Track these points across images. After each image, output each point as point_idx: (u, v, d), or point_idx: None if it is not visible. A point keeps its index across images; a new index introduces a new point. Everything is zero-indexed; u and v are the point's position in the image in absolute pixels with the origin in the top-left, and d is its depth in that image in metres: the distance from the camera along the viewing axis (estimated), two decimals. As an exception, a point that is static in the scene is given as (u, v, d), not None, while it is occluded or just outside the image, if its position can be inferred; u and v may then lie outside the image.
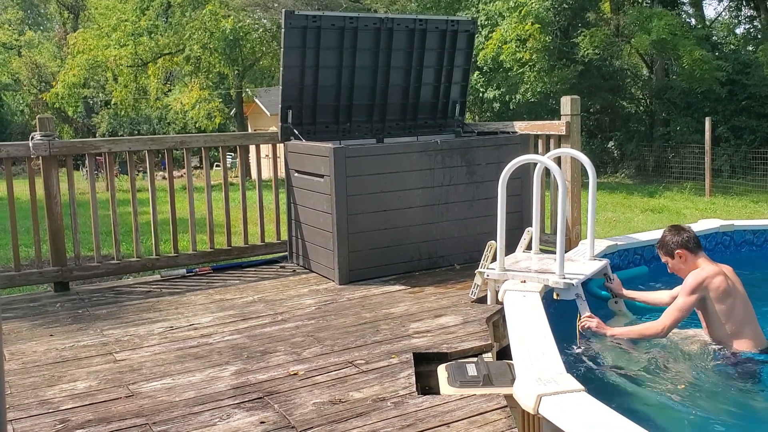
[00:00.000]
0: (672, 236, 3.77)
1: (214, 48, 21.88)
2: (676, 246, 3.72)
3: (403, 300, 4.36)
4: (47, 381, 3.22)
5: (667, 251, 3.78)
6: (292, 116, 5.38)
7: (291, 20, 5.11)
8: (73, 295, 4.79)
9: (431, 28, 5.70)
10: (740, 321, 3.54)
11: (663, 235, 3.84)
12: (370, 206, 4.83)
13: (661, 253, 3.85)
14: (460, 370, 3.07)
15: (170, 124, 31.95)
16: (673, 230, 3.81)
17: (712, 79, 17.27)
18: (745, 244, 5.42)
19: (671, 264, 3.80)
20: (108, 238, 6.59)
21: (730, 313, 3.53)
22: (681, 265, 3.74)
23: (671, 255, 3.76)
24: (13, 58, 36.96)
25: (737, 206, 12.87)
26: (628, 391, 3.22)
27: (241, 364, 3.34)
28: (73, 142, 5.14)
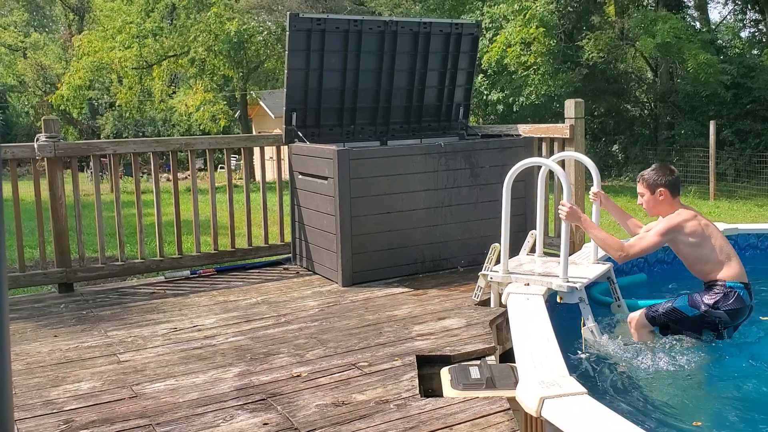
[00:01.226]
0: (660, 174, 3.79)
1: (218, 50, 21.94)
2: (661, 184, 3.75)
3: (406, 302, 4.36)
4: (51, 381, 3.23)
5: (650, 185, 3.79)
6: (297, 119, 5.40)
7: (296, 23, 5.12)
8: (78, 296, 4.80)
9: (435, 31, 5.71)
10: (726, 254, 3.66)
11: (651, 169, 3.85)
12: (373, 208, 4.84)
13: (642, 185, 3.84)
14: (463, 372, 3.07)
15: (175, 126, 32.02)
16: (662, 168, 3.84)
17: (717, 83, 17.25)
18: (749, 248, 5.40)
19: (647, 198, 3.82)
20: (112, 240, 6.62)
21: (707, 254, 3.63)
22: (656, 204, 3.78)
23: (652, 191, 3.78)
24: (18, 59, 37.13)
25: (741, 210, 12.84)
26: (631, 393, 3.21)
27: (245, 365, 3.35)
28: (78, 144, 5.15)
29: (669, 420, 2.99)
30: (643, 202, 3.88)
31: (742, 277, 3.67)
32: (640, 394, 3.23)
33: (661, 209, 3.79)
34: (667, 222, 3.67)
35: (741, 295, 3.62)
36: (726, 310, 3.60)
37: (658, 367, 3.49)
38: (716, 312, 3.60)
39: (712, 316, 3.62)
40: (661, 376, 3.43)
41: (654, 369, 3.48)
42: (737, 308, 3.61)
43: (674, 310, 3.69)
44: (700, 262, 3.69)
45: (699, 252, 3.67)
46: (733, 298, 3.60)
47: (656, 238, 3.64)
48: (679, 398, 3.23)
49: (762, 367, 3.56)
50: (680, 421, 3.00)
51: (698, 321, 3.65)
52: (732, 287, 3.62)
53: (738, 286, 3.63)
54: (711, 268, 3.66)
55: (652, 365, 3.50)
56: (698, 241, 3.65)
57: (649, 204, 3.83)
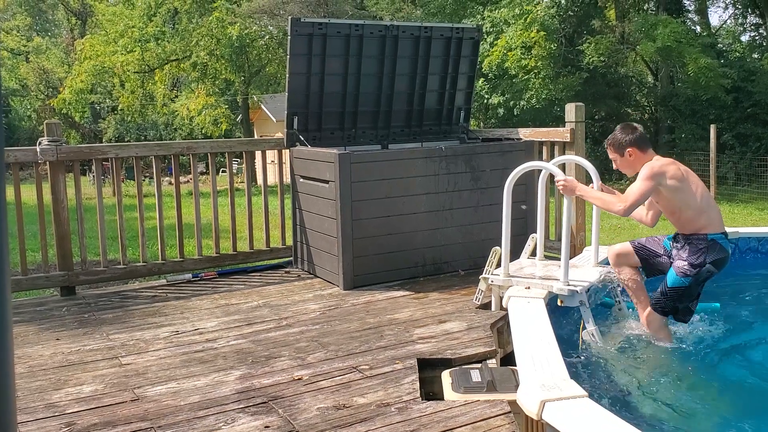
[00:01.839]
0: (624, 134, 3.82)
1: (220, 54, 21.99)
2: (628, 144, 3.79)
3: (407, 305, 4.37)
4: (53, 384, 3.24)
5: (618, 148, 3.84)
6: (298, 122, 5.41)
7: (297, 27, 5.14)
8: (80, 300, 4.81)
9: (436, 35, 5.73)
10: (707, 204, 3.72)
11: (614, 132, 3.90)
12: (374, 212, 4.85)
13: (611, 150, 3.90)
14: (464, 376, 3.08)
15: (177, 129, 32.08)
16: (625, 128, 3.88)
17: (718, 87, 17.27)
18: (750, 252, 5.40)
19: (620, 162, 3.87)
20: (114, 243, 6.64)
21: (688, 200, 3.68)
22: (629, 163, 3.82)
23: (621, 153, 3.83)
24: (21, 63, 37.24)
25: (742, 213, 12.84)
26: (632, 397, 3.22)
27: (246, 368, 3.36)
28: (80, 148, 5.17)
29: (670, 423, 3.00)
30: (616, 166, 3.94)
31: (721, 227, 3.74)
32: (640, 397, 3.23)
33: (636, 167, 3.83)
34: (649, 167, 3.69)
35: (722, 245, 3.70)
36: (712, 261, 3.66)
37: (659, 370, 3.50)
38: (705, 268, 3.67)
39: (703, 274, 3.68)
40: (662, 379, 3.44)
41: (655, 372, 3.49)
42: (721, 257, 3.69)
43: (671, 289, 3.72)
44: (682, 208, 3.70)
45: (681, 197, 3.68)
46: (716, 249, 3.67)
47: (644, 182, 3.64)
48: (680, 401, 3.23)
49: (763, 371, 3.57)
50: (681, 424, 3.00)
51: (695, 285, 3.70)
52: (714, 239, 3.68)
53: (719, 237, 3.70)
54: (692, 216, 3.68)
55: (652, 368, 3.51)
56: (680, 185, 3.68)
57: (623, 166, 3.89)
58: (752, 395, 3.34)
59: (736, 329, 4.10)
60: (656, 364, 3.57)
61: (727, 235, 3.75)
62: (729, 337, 3.96)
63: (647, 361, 3.63)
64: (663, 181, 3.64)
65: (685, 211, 3.69)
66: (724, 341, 3.90)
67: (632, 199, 3.62)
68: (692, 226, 3.68)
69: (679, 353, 3.66)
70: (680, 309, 3.76)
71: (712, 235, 3.67)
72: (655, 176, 3.64)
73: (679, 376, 3.47)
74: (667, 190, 3.66)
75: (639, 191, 3.63)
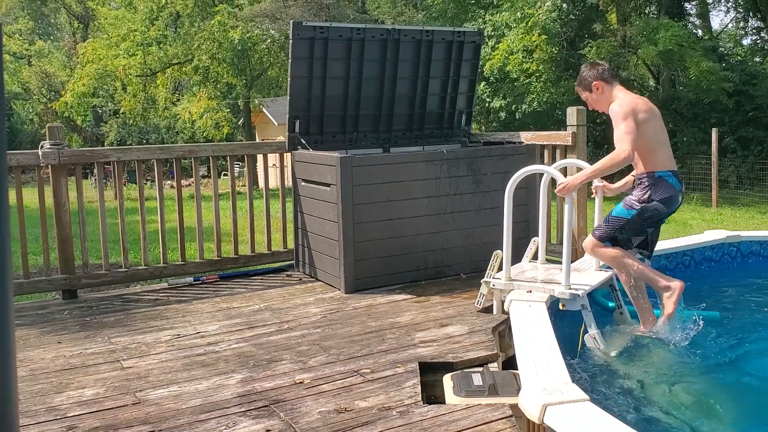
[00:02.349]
0: (588, 71, 3.94)
1: (222, 58, 22.02)
2: (593, 78, 3.90)
3: (408, 309, 4.37)
4: (55, 388, 3.24)
5: (585, 86, 3.96)
6: (300, 126, 5.42)
7: (299, 31, 5.15)
8: (81, 303, 4.81)
9: (438, 39, 5.73)
10: (659, 141, 3.80)
11: (580, 72, 4.02)
12: (376, 215, 4.85)
13: (579, 89, 4.02)
14: (465, 379, 3.07)
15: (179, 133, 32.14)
16: (588, 65, 4.01)
17: (719, 90, 17.27)
18: (752, 255, 5.40)
19: (590, 98, 3.98)
20: (116, 247, 6.65)
21: (651, 133, 3.76)
22: (599, 98, 3.93)
23: (589, 89, 3.94)
24: (23, 67, 37.33)
25: (744, 217, 12.83)
26: (634, 400, 3.21)
27: (247, 372, 3.36)
28: (82, 151, 5.18)
29: (672, 427, 2.99)
30: (590, 105, 4.06)
31: (670, 165, 3.82)
32: (642, 400, 3.23)
33: (604, 101, 3.91)
34: (618, 105, 3.75)
35: (670, 182, 3.77)
36: (659, 200, 3.74)
37: (661, 374, 3.49)
38: (651, 205, 3.74)
39: (649, 210, 3.76)
40: (664, 382, 3.43)
41: (657, 376, 3.48)
42: (669, 196, 3.76)
43: (614, 218, 3.82)
44: (647, 142, 3.74)
45: (644, 130, 3.72)
46: (663, 186, 3.75)
47: (624, 120, 3.67)
48: (682, 406, 3.23)
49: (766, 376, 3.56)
50: (683, 428, 3.00)
51: (638, 220, 3.78)
52: (661, 176, 3.76)
53: (666, 174, 3.77)
54: (646, 151, 3.74)
55: (654, 372, 3.50)
56: (648, 117, 3.76)
57: (594, 102, 3.99)
58: (754, 400, 3.33)
59: (738, 334, 4.09)
60: (658, 368, 3.56)
61: (677, 174, 3.83)
62: (731, 342, 3.95)
63: (649, 365, 3.62)
64: (637, 115, 3.74)
65: (642, 146, 3.73)
66: (726, 346, 3.89)
67: (627, 140, 3.66)
68: (645, 163, 3.77)
69: (681, 358, 3.65)
70: (619, 239, 3.85)
71: (659, 173, 3.75)
72: (630, 111, 3.72)
73: (681, 381, 3.47)
74: (639, 123, 3.74)
75: (627, 130, 3.67)
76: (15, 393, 1.01)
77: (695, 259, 5.28)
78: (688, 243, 5.34)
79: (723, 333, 4.02)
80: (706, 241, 5.35)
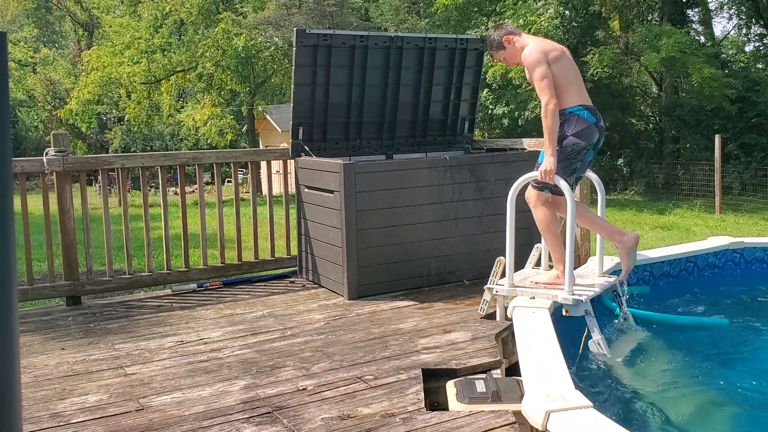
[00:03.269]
0: (495, 32, 4.13)
1: (226, 65, 22.10)
2: (502, 35, 4.07)
3: (412, 315, 4.37)
4: (58, 394, 3.24)
5: (497, 45, 4.10)
6: (303, 133, 5.44)
7: (302, 39, 5.17)
8: (85, 309, 4.83)
9: (440, 46, 5.75)
10: (567, 79, 3.91)
11: (487, 35, 4.20)
12: (379, 222, 4.86)
13: (494, 53, 4.15)
14: (468, 386, 3.07)
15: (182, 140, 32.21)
16: (492, 29, 4.18)
17: (722, 97, 17.25)
18: (756, 262, 5.39)
19: (506, 56, 4.12)
20: (120, 253, 6.65)
21: (558, 72, 3.88)
22: (513, 50, 4.07)
23: (502, 46, 4.09)
24: (28, 74, 37.48)
25: (748, 223, 12.80)
26: (638, 407, 3.21)
27: (251, 378, 3.36)
28: (86, 158, 5.19)
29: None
30: (507, 64, 4.25)
31: (579, 100, 3.93)
32: (646, 407, 3.22)
33: (518, 52, 4.04)
34: (528, 51, 3.91)
35: (582, 116, 3.89)
36: (573, 134, 3.88)
37: (665, 380, 3.48)
38: (567, 140, 3.89)
39: (568, 146, 3.90)
40: (668, 388, 3.42)
41: (661, 382, 3.48)
42: (583, 128, 3.89)
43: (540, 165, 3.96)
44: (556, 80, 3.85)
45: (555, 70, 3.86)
46: (574, 120, 3.88)
47: (536, 66, 3.83)
48: (687, 412, 3.22)
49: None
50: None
51: (562, 158, 3.90)
52: (571, 112, 3.89)
53: (576, 109, 3.90)
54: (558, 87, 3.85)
55: (658, 378, 3.50)
56: (558, 56, 3.90)
57: (511, 57, 4.12)
58: (760, 408, 3.32)
59: (744, 341, 4.08)
60: (662, 374, 3.55)
61: (590, 108, 3.93)
62: (737, 349, 3.94)
63: (653, 371, 3.61)
64: (548, 56, 3.88)
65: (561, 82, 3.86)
66: (731, 353, 3.88)
67: (545, 87, 3.80)
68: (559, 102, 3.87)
69: (686, 364, 3.65)
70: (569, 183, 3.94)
71: (569, 109, 3.89)
72: (540, 53, 3.87)
73: (685, 387, 3.46)
74: (550, 64, 3.87)
75: (540, 76, 3.82)
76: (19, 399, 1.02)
77: (698, 266, 5.28)
78: (692, 249, 5.34)
79: (728, 340, 4.01)
80: (710, 247, 5.34)
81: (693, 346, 3.94)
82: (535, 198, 4.08)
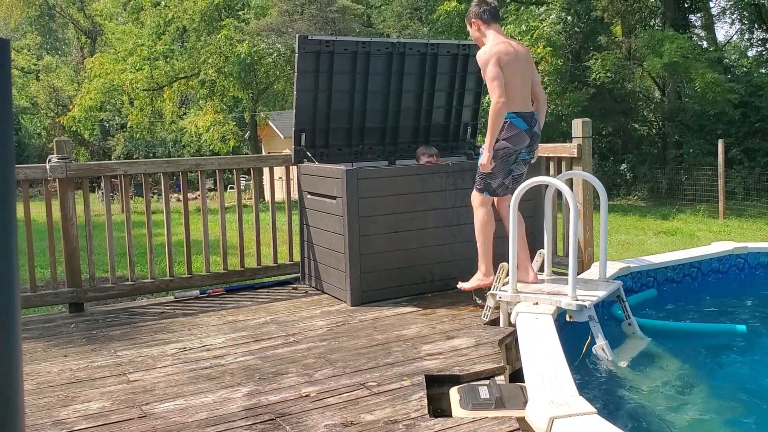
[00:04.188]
0: (473, 7, 4.28)
1: (228, 72, 22.17)
2: (473, 15, 4.25)
3: (415, 322, 4.36)
4: (61, 401, 3.24)
5: (468, 20, 4.31)
6: (306, 139, 5.44)
7: (305, 45, 5.18)
8: (88, 316, 4.82)
9: (443, 52, 5.76)
10: (512, 85, 4.11)
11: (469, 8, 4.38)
12: (382, 228, 4.85)
13: (467, 23, 4.37)
14: (472, 392, 3.06)
15: (185, 146, 32.30)
16: (476, 2, 4.30)
17: (725, 102, 17.25)
18: (760, 267, 5.38)
19: (471, 33, 4.34)
20: (123, 260, 6.66)
21: (507, 78, 4.09)
22: (476, 35, 4.31)
23: (470, 24, 4.30)
24: (31, 82, 37.63)
25: (752, 228, 12.77)
26: (642, 413, 3.19)
27: (253, 385, 3.35)
28: (89, 165, 5.20)
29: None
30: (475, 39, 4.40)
31: (516, 107, 4.15)
32: (650, 413, 3.20)
33: (479, 40, 4.28)
34: (484, 50, 4.13)
35: (514, 123, 4.14)
36: (504, 138, 4.15)
37: (669, 386, 3.47)
38: (498, 144, 4.17)
39: (499, 149, 4.18)
40: (672, 395, 3.41)
41: (666, 388, 3.46)
42: (513, 134, 4.16)
43: (478, 168, 4.26)
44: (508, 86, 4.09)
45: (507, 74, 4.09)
46: (506, 127, 4.14)
47: (490, 67, 4.06)
48: (691, 419, 3.20)
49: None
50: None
51: (497, 161, 4.20)
52: (506, 118, 4.14)
53: (510, 116, 4.14)
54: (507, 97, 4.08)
55: (663, 384, 3.48)
56: (509, 61, 4.10)
57: (475, 38, 4.34)
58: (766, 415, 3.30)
59: (749, 347, 4.07)
60: (667, 380, 3.54)
61: (524, 115, 4.16)
62: (742, 355, 3.93)
63: (657, 377, 3.60)
64: (501, 59, 4.09)
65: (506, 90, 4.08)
66: (737, 359, 3.87)
67: (495, 87, 4.04)
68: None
69: (690, 370, 3.63)
70: (494, 185, 4.28)
71: (506, 115, 4.13)
72: (494, 55, 4.08)
73: (690, 393, 3.44)
74: (502, 67, 4.08)
75: (492, 76, 4.05)
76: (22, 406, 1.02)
77: (702, 271, 5.26)
78: (696, 255, 5.33)
79: (734, 346, 3.99)
80: (714, 252, 5.33)
81: (697, 352, 3.93)
82: (476, 200, 4.35)
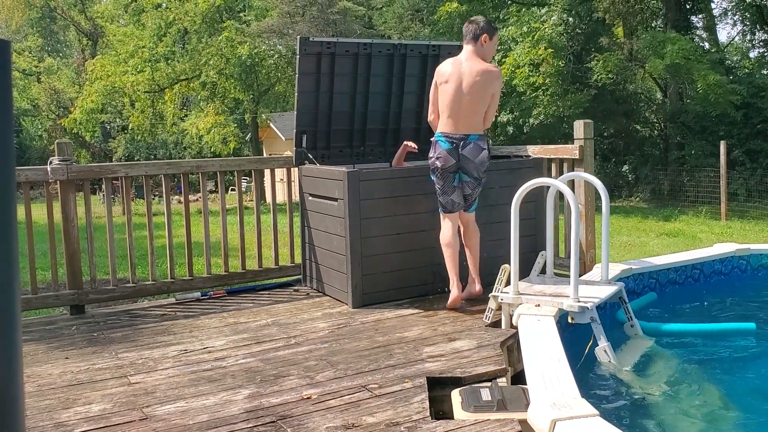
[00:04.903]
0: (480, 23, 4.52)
1: (229, 74, 22.18)
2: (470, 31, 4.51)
3: (416, 324, 4.35)
4: (62, 404, 3.23)
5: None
6: (307, 141, 5.44)
7: (306, 47, 5.18)
8: (89, 318, 4.82)
9: (444, 53, 5.75)
10: (444, 106, 4.44)
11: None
12: (383, 229, 4.85)
13: None
14: (474, 394, 3.05)
15: (186, 148, 32.32)
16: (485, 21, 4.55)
17: (727, 103, 17.22)
18: (762, 268, 5.36)
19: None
20: (124, 262, 6.66)
21: (440, 98, 4.46)
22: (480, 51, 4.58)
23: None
24: (32, 84, 37.68)
25: (754, 230, 12.75)
26: (644, 415, 3.18)
27: (255, 387, 3.34)
28: (90, 167, 5.20)
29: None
30: None
31: (443, 128, 4.48)
32: (653, 415, 3.19)
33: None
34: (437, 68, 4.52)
35: (439, 142, 4.48)
36: (435, 158, 4.51)
37: (672, 388, 3.46)
38: (430, 161, 4.56)
39: (431, 167, 4.57)
40: (675, 397, 3.40)
41: (668, 390, 3.45)
42: (439, 154, 4.48)
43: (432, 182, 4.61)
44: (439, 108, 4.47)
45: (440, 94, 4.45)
46: (433, 147, 4.51)
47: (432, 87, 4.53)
48: (695, 420, 3.19)
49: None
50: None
51: (437, 179, 4.57)
52: (434, 139, 4.51)
53: (437, 136, 4.49)
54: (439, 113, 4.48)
55: (666, 386, 3.47)
56: (446, 81, 4.39)
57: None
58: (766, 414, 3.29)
59: (753, 348, 4.05)
60: (669, 381, 3.53)
61: (448, 135, 4.43)
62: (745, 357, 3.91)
63: (660, 379, 3.59)
64: (439, 80, 4.43)
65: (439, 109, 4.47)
66: (740, 360, 3.86)
67: (430, 107, 4.55)
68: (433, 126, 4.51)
69: (693, 371, 3.62)
70: (443, 203, 4.61)
71: (436, 135, 4.50)
72: (436, 75, 4.47)
73: (694, 395, 3.43)
74: (439, 86, 4.43)
75: (431, 97, 4.51)
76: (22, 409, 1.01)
77: (705, 273, 5.25)
78: (698, 256, 5.31)
79: (737, 347, 3.98)
80: (716, 254, 5.32)
81: (700, 353, 3.92)
82: (442, 216, 4.65)
